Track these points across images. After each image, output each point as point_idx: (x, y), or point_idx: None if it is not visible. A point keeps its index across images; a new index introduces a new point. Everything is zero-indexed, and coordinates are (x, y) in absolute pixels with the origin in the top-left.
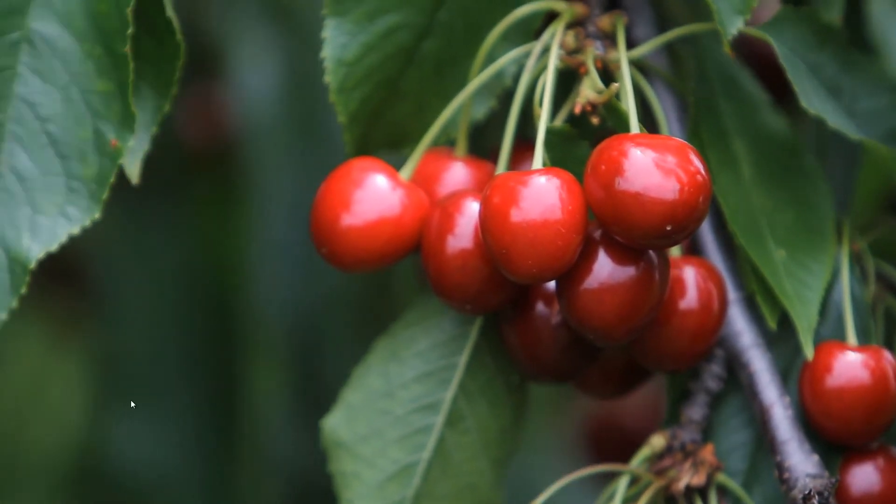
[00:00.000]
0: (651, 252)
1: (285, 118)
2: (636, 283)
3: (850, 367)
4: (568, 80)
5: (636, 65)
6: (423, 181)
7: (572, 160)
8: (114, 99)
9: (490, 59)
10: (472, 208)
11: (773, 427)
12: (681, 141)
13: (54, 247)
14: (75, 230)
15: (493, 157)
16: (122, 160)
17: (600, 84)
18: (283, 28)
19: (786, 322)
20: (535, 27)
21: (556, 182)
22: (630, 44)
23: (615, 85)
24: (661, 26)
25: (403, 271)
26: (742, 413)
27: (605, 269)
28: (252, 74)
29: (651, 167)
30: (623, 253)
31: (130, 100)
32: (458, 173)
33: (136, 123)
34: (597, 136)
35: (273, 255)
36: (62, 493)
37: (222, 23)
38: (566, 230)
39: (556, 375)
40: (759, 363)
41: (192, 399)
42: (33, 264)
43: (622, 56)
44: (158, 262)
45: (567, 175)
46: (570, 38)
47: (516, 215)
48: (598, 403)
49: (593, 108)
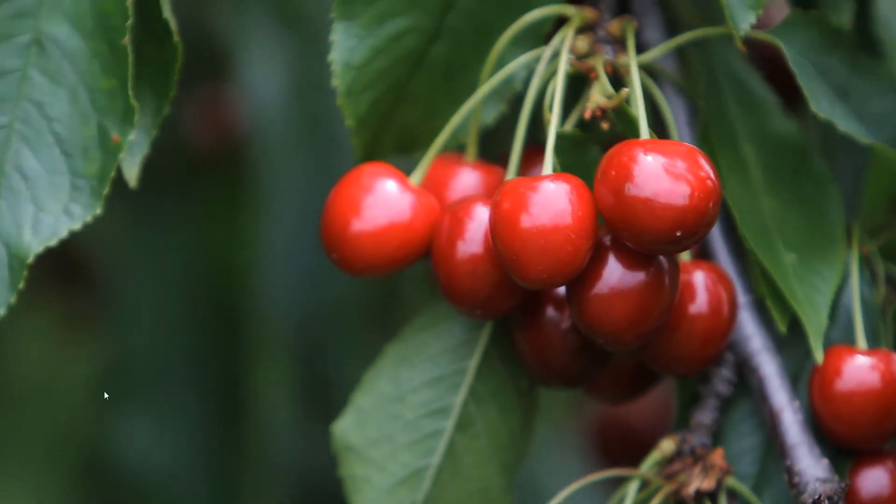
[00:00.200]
0: (661, 257)
1: (293, 121)
2: (646, 287)
3: (859, 370)
4: (578, 84)
5: (646, 69)
6: (433, 186)
7: (582, 165)
8: (116, 95)
9: (500, 63)
10: (482, 214)
11: (782, 431)
12: (690, 146)
13: (53, 242)
14: (76, 226)
15: (503, 161)
16: (122, 155)
17: (610, 89)
18: (291, 31)
19: (796, 326)
20: (545, 32)
21: (566, 187)
22: (640, 48)
23: (625, 90)
24: (671, 30)
25: (411, 276)
26: (752, 417)
27: (615, 274)
28: (260, 77)
29: (661, 173)
30: (633, 258)
31: (130, 93)
32: (468, 178)
33: (135, 116)
34: (607, 141)
35: (279, 257)
36: (68, 491)
37: (231, 25)
38: (576, 236)
39: (566, 380)
40: (768, 367)
41: (198, 400)
42: (31, 258)
43: (632, 61)
44: (166, 262)
45: (577, 181)
46: (580, 43)
47: (526, 221)
48: (606, 406)
49: (603, 113)
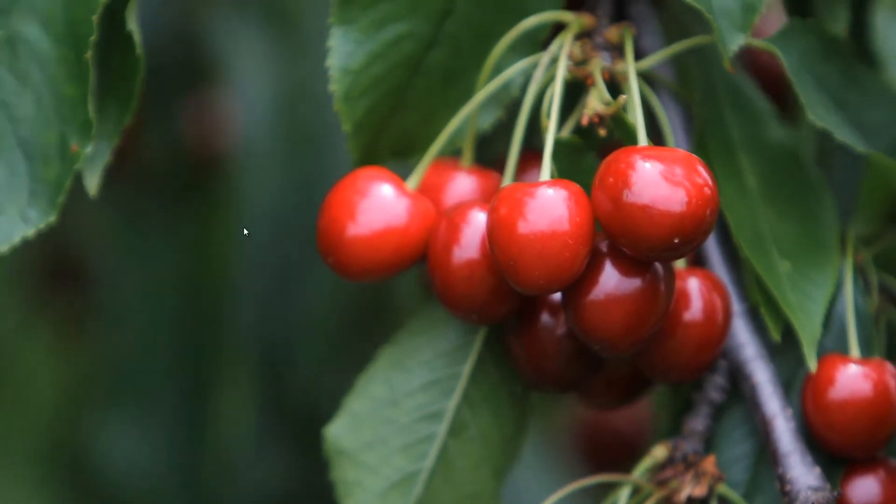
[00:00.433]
0: (657, 264)
1: (277, 130)
2: (642, 294)
3: (852, 379)
4: (575, 91)
5: (643, 76)
6: (429, 191)
7: (579, 171)
8: (79, 104)
9: (497, 69)
10: (478, 219)
11: (774, 439)
12: (688, 153)
13: (5, 248)
14: (30, 232)
15: (499, 167)
16: (78, 166)
17: (607, 95)
18: (281, 39)
19: (789, 334)
20: (542, 38)
21: (564, 194)
22: (637, 55)
23: (623, 97)
24: (669, 37)
25: (387, 292)
26: (744, 424)
27: (611, 280)
28: (249, 85)
29: (659, 180)
30: (629, 265)
31: (90, 107)
32: (464, 183)
33: (93, 130)
34: (604, 147)
35: (255, 266)
36: (51, 493)
37: (222, 33)
38: (573, 242)
39: (561, 385)
40: (761, 375)
41: (176, 406)
42: None
43: (630, 67)
44: (152, 268)
45: (574, 187)
46: (578, 49)
47: (523, 227)
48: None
49: (600, 119)
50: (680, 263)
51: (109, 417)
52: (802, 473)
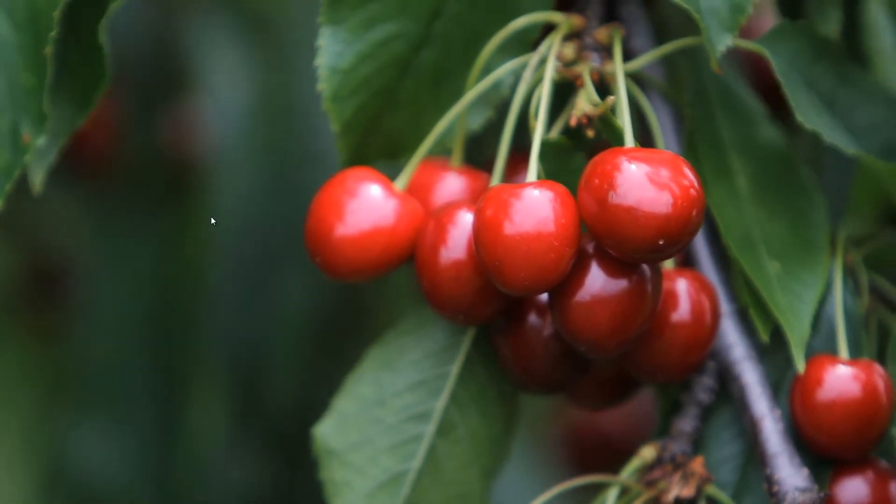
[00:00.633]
0: (644, 265)
1: (253, 135)
2: (628, 295)
3: (841, 380)
4: (565, 91)
5: (633, 77)
6: (418, 191)
7: (567, 172)
8: (34, 95)
9: (487, 70)
10: (465, 220)
11: (763, 440)
12: (674, 154)
13: None
14: None
15: (489, 167)
16: (28, 157)
17: (596, 97)
18: (258, 46)
19: (778, 335)
20: (532, 39)
21: (550, 195)
22: (627, 56)
23: (611, 98)
24: (659, 38)
25: (361, 294)
26: (733, 425)
27: (597, 281)
28: (225, 91)
29: (644, 181)
30: (616, 266)
31: (45, 99)
32: (453, 184)
33: (46, 123)
34: (592, 148)
35: (230, 270)
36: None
37: (198, 39)
38: (559, 243)
39: (548, 386)
40: (750, 376)
41: (149, 408)
42: None
43: (618, 69)
44: (130, 272)
45: (561, 188)
46: (567, 50)
47: (509, 228)
48: (579, 413)
49: (589, 120)
50: (668, 264)
51: (84, 421)
52: (790, 474)
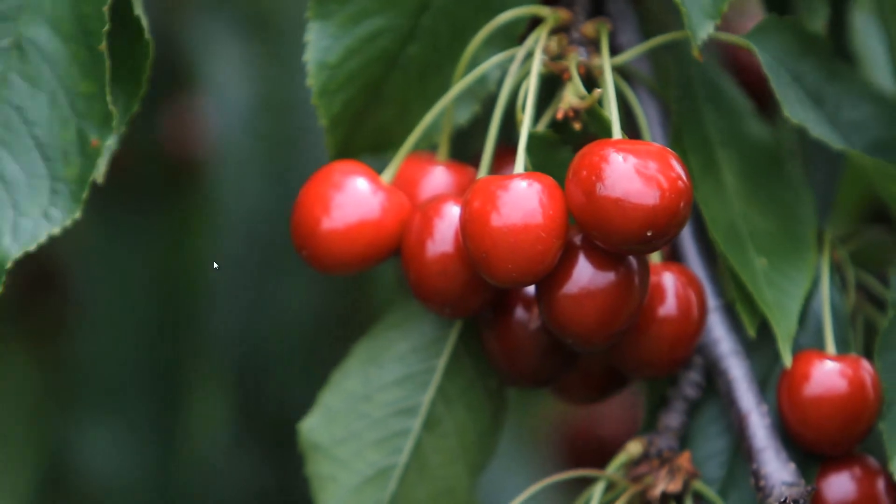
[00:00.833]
0: (631, 258)
1: (254, 134)
2: (616, 288)
3: (827, 375)
4: (552, 85)
5: (620, 71)
6: (404, 185)
7: (554, 165)
8: (95, 99)
9: (473, 63)
10: (452, 212)
11: (749, 435)
12: (662, 146)
13: (33, 247)
14: (56, 230)
15: (476, 162)
16: (100, 160)
17: (583, 90)
18: (258, 42)
19: (765, 330)
20: (519, 32)
21: (537, 187)
22: (614, 50)
23: (598, 91)
24: (647, 33)
25: (363, 293)
26: (720, 421)
27: (585, 274)
28: (226, 88)
29: (632, 173)
30: (603, 258)
31: (108, 98)
32: (439, 177)
33: (114, 122)
34: (579, 141)
35: (231, 271)
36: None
37: (198, 36)
38: (546, 235)
39: (535, 380)
40: (737, 371)
41: (149, 409)
42: (10, 263)
43: (605, 62)
44: (128, 273)
45: (548, 180)
46: (554, 44)
47: (497, 219)
48: (572, 410)
49: (576, 113)
50: (655, 258)
51: (86, 422)
52: (777, 469)
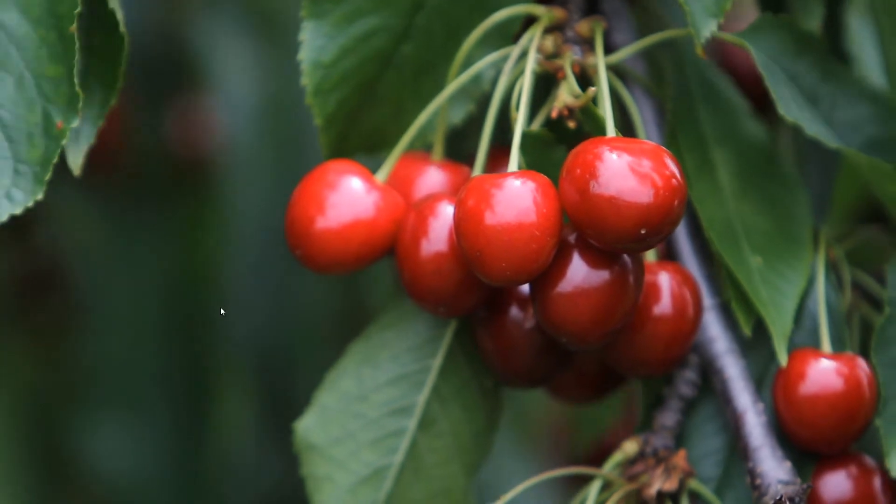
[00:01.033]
0: (626, 256)
1: (264, 131)
2: (610, 286)
3: (823, 374)
4: (547, 84)
5: (614, 70)
6: (398, 184)
7: (548, 164)
8: (62, 82)
9: (468, 63)
10: (446, 211)
11: (745, 433)
12: (656, 145)
13: None
14: (18, 211)
15: (471, 161)
16: (65, 142)
17: (577, 89)
18: (265, 40)
19: (761, 329)
20: (513, 31)
21: (531, 185)
22: (609, 49)
23: (592, 89)
24: (642, 32)
25: (378, 287)
26: (716, 419)
27: (579, 272)
28: (234, 86)
29: (626, 171)
30: (597, 257)
31: (76, 80)
32: (433, 177)
33: (79, 104)
34: (574, 140)
35: (245, 269)
36: (41, 496)
37: (205, 34)
38: (540, 233)
39: (530, 380)
40: (732, 369)
41: (167, 409)
42: None
43: (599, 60)
44: (140, 271)
45: (542, 178)
46: (549, 43)
47: (490, 218)
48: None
49: (570, 112)
50: (650, 257)
51: (101, 423)
52: (773, 467)
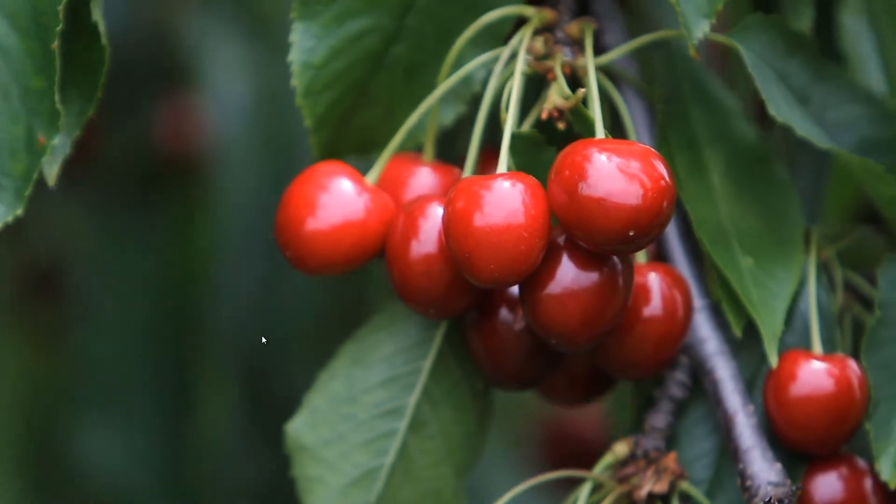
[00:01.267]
0: (615, 258)
1: (253, 130)
2: (599, 288)
3: (814, 375)
4: (538, 86)
5: (605, 71)
6: (389, 186)
7: (538, 165)
8: (45, 96)
9: (459, 63)
10: (436, 213)
11: (736, 435)
12: (645, 146)
13: None
14: None
15: (461, 163)
16: (45, 159)
17: (567, 90)
18: (255, 39)
19: (752, 330)
20: (504, 32)
21: (520, 187)
22: (600, 50)
23: (582, 90)
24: (633, 33)
25: (369, 288)
26: (707, 421)
27: (568, 274)
28: (224, 85)
29: (614, 172)
30: (587, 258)
31: (56, 96)
32: (424, 178)
33: (60, 120)
34: (563, 141)
35: (236, 269)
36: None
37: (195, 33)
38: (529, 235)
39: (520, 381)
40: (723, 371)
41: (156, 410)
42: None
43: (589, 62)
44: (130, 272)
45: (531, 180)
46: (539, 44)
47: (479, 219)
48: (554, 411)
49: (560, 113)
50: (640, 258)
51: (90, 422)
52: (763, 469)
